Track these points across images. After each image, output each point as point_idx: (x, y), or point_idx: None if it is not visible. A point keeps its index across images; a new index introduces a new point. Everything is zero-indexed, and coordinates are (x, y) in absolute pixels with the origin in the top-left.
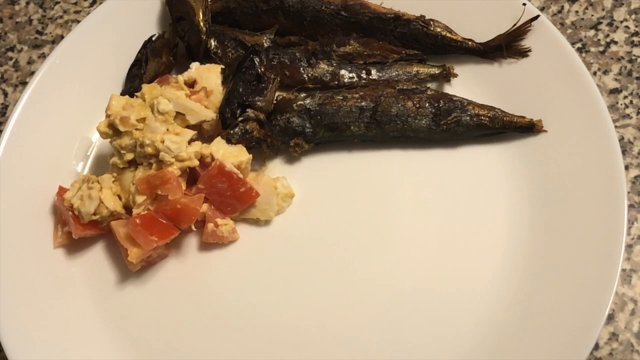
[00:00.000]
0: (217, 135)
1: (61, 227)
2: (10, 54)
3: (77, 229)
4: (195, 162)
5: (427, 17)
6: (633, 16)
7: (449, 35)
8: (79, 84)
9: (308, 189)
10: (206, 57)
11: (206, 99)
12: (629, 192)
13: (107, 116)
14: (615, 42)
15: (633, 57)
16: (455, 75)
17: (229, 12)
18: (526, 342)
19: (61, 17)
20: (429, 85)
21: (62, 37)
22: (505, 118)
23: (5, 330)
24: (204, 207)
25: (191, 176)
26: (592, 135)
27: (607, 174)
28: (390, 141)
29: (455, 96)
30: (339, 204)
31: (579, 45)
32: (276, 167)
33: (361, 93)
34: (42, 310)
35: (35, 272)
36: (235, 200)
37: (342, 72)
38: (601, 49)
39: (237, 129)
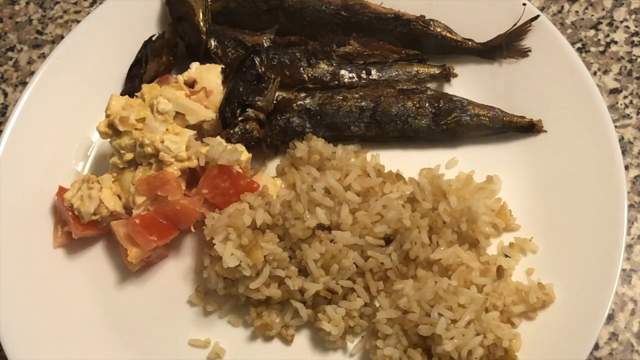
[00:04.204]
0: (217, 135)
1: (61, 227)
2: (10, 54)
3: (77, 229)
4: (195, 163)
5: (427, 17)
6: (633, 16)
7: (449, 35)
8: (79, 84)
9: None
10: (206, 57)
11: (206, 99)
12: (629, 192)
13: (107, 116)
14: (615, 42)
15: (633, 57)
16: (455, 75)
17: (229, 12)
18: (527, 341)
19: (61, 17)
20: (429, 85)
21: (62, 37)
22: (505, 118)
23: (5, 330)
24: (204, 207)
25: (191, 177)
26: (592, 135)
27: (607, 174)
28: (390, 141)
29: (455, 96)
30: None
31: (579, 45)
32: (276, 167)
33: (361, 93)
34: (41, 310)
35: (35, 272)
36: (238, 196)
37: (342, 72)
38: (601, 49)
39: (237, 129)
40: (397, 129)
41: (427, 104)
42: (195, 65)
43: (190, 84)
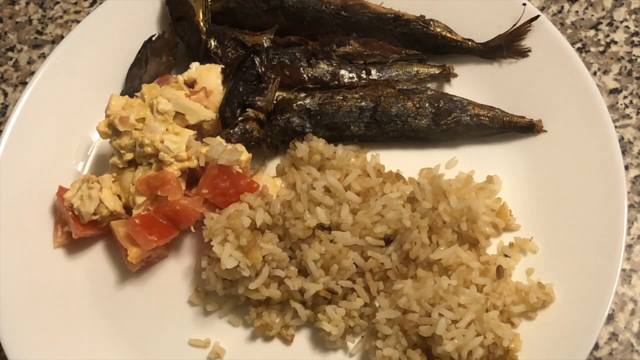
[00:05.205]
0: (217, 135)
1: (61, 227)
2: (10, 54)
3: (77, 229)
4: (195, 163)
5: (427, 17)
6: (633, 16)
7: (449, 35)
8: (79, 84)
9: None
10: (206, 57)
11: (206, 99)
12: (629, 192)
13: (107, 116)
14: (615, 42)
15: (633, 57)
16: (455, 75)
17: (229, 12)
18: (527, 341)
19: (61, 17)
20: (429, 85)
21: (62, 37)
22: (505, 118)
23: (5, 330)
24: (204, 208)
25: (191, 177)
26: (592, 135)
27: (607, 174)
28: (390, 141)
29: (455, 96)
30: None
31: (579, 45)
32: (276, 167)
33: (361, 93)
34: (42, 310)
35: (35, 272)
36: (238, 196)
37: (342, 72)
38: (601, 49)
39: (237, 129)
40: (397, 129)
41: (427, 104)
42: (195, 65)
43: (190, 84)
